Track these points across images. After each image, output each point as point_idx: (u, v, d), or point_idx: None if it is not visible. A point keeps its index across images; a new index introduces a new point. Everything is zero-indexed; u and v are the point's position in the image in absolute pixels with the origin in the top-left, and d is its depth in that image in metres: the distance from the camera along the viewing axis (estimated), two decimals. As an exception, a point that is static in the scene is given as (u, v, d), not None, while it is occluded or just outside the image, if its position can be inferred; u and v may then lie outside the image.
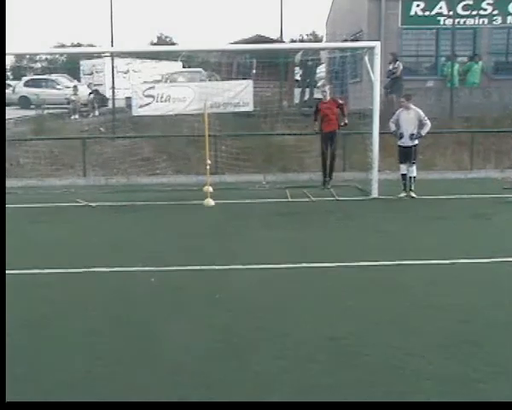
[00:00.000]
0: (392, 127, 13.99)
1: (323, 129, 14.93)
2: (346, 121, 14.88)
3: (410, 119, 13.73)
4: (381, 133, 14.25)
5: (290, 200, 14.05)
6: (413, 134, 13.67)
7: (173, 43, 62.59)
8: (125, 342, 5.99)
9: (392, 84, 19.88)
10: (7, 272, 8.25)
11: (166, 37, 73.43)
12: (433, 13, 21.30)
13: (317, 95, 24.72)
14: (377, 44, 14.19)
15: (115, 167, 17.79)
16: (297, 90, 24.44)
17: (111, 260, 8.98)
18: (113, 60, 22.63)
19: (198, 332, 6.22)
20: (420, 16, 21.35)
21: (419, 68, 22.24)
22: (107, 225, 11.83)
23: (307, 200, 13.96)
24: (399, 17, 21.30)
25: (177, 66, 31.14)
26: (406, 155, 13.78)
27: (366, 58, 14.36)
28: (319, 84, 26.69)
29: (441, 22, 21.33)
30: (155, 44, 63.19)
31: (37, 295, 7.57)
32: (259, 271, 8.42)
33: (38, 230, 11.37)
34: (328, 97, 15.21)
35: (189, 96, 18.75)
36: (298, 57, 22.39)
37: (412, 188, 13.80)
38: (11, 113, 25.56)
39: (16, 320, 6.55)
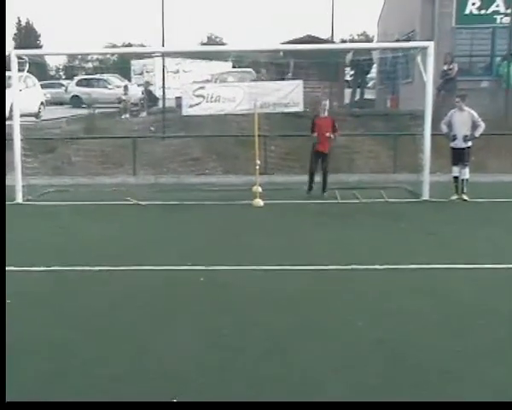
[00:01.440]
0: (444, 129, 13.73)
1: (316, 147, 14.51)
2: (333, 136, 14.42)
3: (464, 120, 13.45)
4: (432, 134, 14.00)
5: (340, 201, 13.91)
6: (466, 136, 13.39)
7: (223, 44, 62.86)
8: (170, 338, 5.99)
9: (445, 84, 19.53)
10: (59, 268, 8.46)
11: (216, 37, 73.89)
12: (490, 11, 20.82)
13: (368, 95, 24.59)
14: (430, 44, 13.93)
15: (165, 167, 17.88)
16: (347, 91, 24.24)
17: (160, 258, 9.02)
18: (163, 59, 22.79)
19: (244, 331, 6.22)
20: (475, 15, 20.88)
21: (473, 68, 21.75)
22: (156, 224, 11.88)
23: (357, 201, 13.81)
24: (453, 16, 20.88)
25: (227, 66, 31.27)
26: (459, 156, 13.50)
27: (419, 58, 14.12)
28: (369, 85, 26.52)
29: (497, 21, 20.85)
30: (205, 45, 63.54)
31: (87, 290, 7.64)
32: (308, 272, 8.37)
33: (89, 227, 11.48)
34: (326, 113, 14.59)
35: (238, 96, 18.70)
36: (349, 57, 22.20)
37: (464, 190, 13.52)
38: (63, 112, 26.02)
39: (69, 316, 6.65)
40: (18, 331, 6.11)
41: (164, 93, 21.47)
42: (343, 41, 45.68)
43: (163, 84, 21.64)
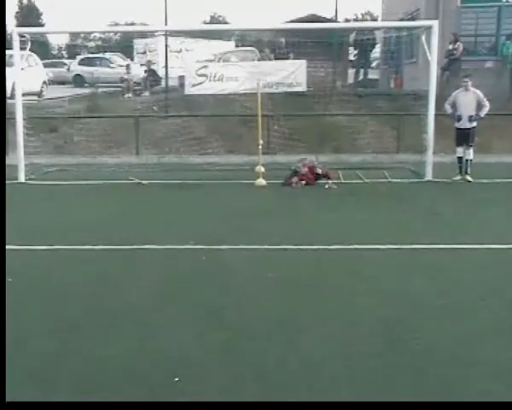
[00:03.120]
0: (449, 109, 13.66)
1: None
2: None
3: (469, 100, 13.36)
4: (436, 115, 13.94)
5: (342, 181, 13.87)
6: (472, 116, 13.31)
7: (226, 23, 62.50)
8: (171, 318, 5.99)
9: (450, 64, 19.41)
10: (62, 247, 8.46)
11: (219, 16, 73.54)
12: (496, -11, 20.63)
13: (372, 75, 24.43)
14: (435, 23, 13.83)
15: (168, 146, 17.83)
16: (351, 71, 24.09)
17: (162, 237, 9.01)
18: (166, 39, 22.65)
19: (247, 311, 6.21)
20: (481, -7, 20.70)
21: (478, 48, 21.57)
22: (158, 203, 11.87)
23: (360, 181, 13.78)
24: (458, -5, 20.71)
25: (229, 45, 31.08)
26: (464, 137, 13.43)
27: (423, 38, 14.01)
28: (373, 65, 26.36)
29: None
30: (208, 24, 63.21)
31: (89, 270, 7.63)
32: (310, 251, 8.36)
33: (91, 207, 11.47)
34: (306, 170, 13.58)
35: (241, 75, 18.63)
36: (352, 37, 22.02)
37: (468, 171, 13.47)
38: (66, 91, 25.93)
39: (70, 294, 6.67)
40: (19, 310, 6.12)
41: (167, 72, 21.36)
42: (347, 20, 45.35)
43: (166, 63, 21.52)
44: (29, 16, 59.62)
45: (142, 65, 29.10)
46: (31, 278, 7.32)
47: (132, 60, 32.74)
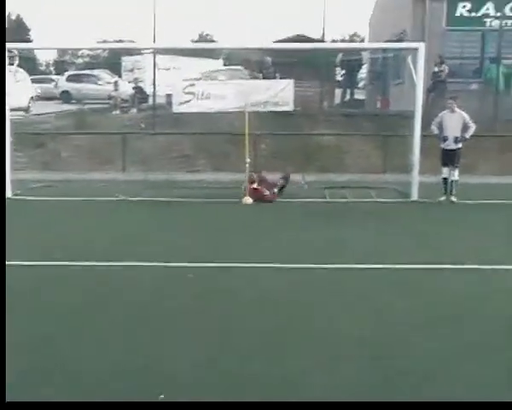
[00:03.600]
0: (435, 130, 13.79)
1: None
2: None
3: (455, 121, 13.50)
4: (422, 135, 14.06)
5: (329, 200, 13.94)
6: (457, 137, 13.45)
7: (214, 41, 62.68)
8: (156, 336, 5.99)
9: (435, 86, 19.61)
10: (48, 263, 8.43)
11: (207, 35, 73.78)
12: (480, 14, 20.90)
13: (358, 95, 24.63)
14: (421, 45, 13.98)
15: (155, 163, 17.83)
16: (338, 91, 24.27)
17: (149, 254, 9.01)
18: (154, 56, 22.72)
19: (230, 329, 6.23)
20: (466, 17, 20.95)
21: (463, 71, 21.81)
22: (145, 220, 11.87)
23: (346, 200, 13.85)
24: (444, 18, 20.96)
25: (217, 64, 31.20)
26: (450, 158, 13.55)
27: (409, 59, 14.16)
28: (359, 86, 26.56)
29: (487, 24, 20.94)
30: (196, 42, 63.42)
31: (73, 286, 7.63)
32: (293, 271, 8.39)
33: (77, 223, 11.44)
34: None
35: (229, 93, 18.66)
36: (339, 57, 22.21)
37: (453, 192, 13.58)
38: (53, 107, 25.91)
39: (59, 311, 6.65)
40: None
41: (154, 90, 21.41)
42: (334, 41, 45.64)
43: (153, 80, 21.58)
44: (17, 32, 59.53)
45: (129, 82, 29.18)
46: (12, 294, 7.26)
47: (120, 77, 32.76)
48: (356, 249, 9.53)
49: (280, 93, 18.73)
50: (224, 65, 32.18)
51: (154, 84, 21.49)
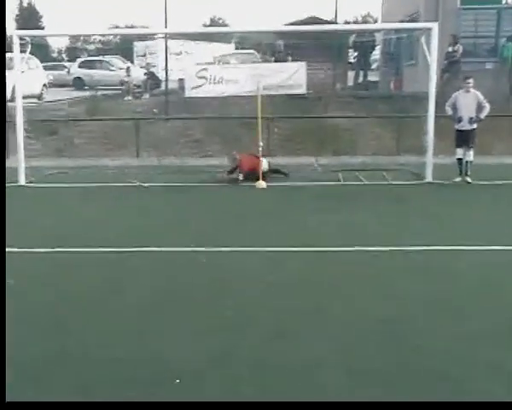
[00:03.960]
0: (449, 111, 13.66)
1: None
2: None
3: (469, 102, 13.36)
4: (436, 116, 13.94)
5: (342, 183, 13.89)
6: (472, 117, 13.32)
7: (226, 25, 62.51)
8: (172, 320, 6.00)
9: (450, 66, 19.41)
10: (63, 249, 8.46)
11: (219, 18, 73.46)
12: (495, -9, 20.62)
13: (372, 77, 24.45)
14: (435, 25, 13.82)
15: (168, 148, 17.83)
16: (350, 73, 24.10)
17: (163, 239, 9.03)
18: (166, 41, 22.67)
19: (245, 313, 6.24)
20: (480, -5, 20.69)
21: (477, 50, 21.56)
22: (159, 206, 11.87)
23: (360, 183, 13.78)
24: (458, -4, 20.71)
25: (229, 48, 31.12)
26: (464, 138, 13.43)
27: (423, 40, 14.01)
28: (373, 67, 26.36)
29: (503, 1, 20.66)
30: (208, 26, 63.22)
31: (89, 272, 7.65)
32: (310, 253, 8.38)
33: (91, 209, 11.47)
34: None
35: (241, 77, 18.60)
36: (352, 39, 22.04)
37: (468, 173, 13.47)
38: (66, 93, 25.95)
39: (74, 297, 6.69)
40: (19, 312, 6.13)
41: (167, 75, 21.37)
42: (347, 22, 45.39)
43: (166, 65, 21.53)
44: (29, 19, 59.62)
45: (141, 67, 29.14)
46: (31, 280, 7.33)
47: (132, 62, 32.76)
48: (371, 232, 9.50)
49: (292, 76, 18.66)
50: (236, 49, 32.06)
51: (166, 69, 21.45)
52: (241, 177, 13.73)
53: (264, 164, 13.95)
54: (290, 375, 4.92)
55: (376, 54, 26.94)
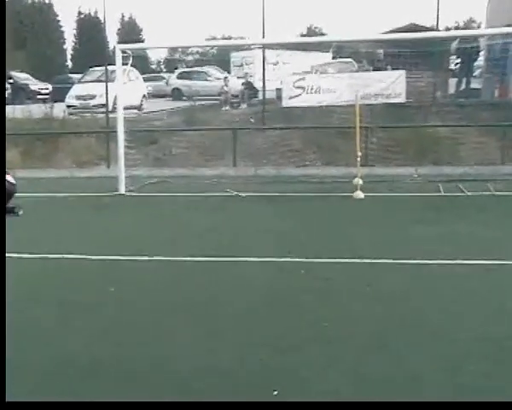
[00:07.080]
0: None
1: None
2: None
3: None
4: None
5: (443, 194, 13.46)
6: None
7: (323, 34, 62.34)
8: (272, 329, 5.90)
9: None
10: (164, 258, 8.54)
11: (316, 27, 73.39)
12: None
13: (474, 84, 23.69)
14: (544, 29, 13.22)
15: (265, 158, 17.83)
16: (452, 80, 23.42)
17: (260, 249, 8.98)
18: (264, 51, 22.73)
19: (344, 324, 6.12)
20: None
21: None
22: (256, 216, 11.83)
23: (462, 194, 13.31)
24: None
25: (327, 57, 30.93)
26: None
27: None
28: (475, 74, 25.53)
29: None
30: (305, 36, 63.29)
31: (190, 281, 7.70)
32: (411, 266, 8.12)
33: (190, 218, 11.57)
34: None
35: (339, 87, 18.42)
36: (454, 45, 21.38)
37: None
38: (164, 104, 26.49)
39: (172, 303, 6.75)
40: (122, 318, 6.20)
41: (264, 85, 21.40)
42: (448, 29, 44.30)
43: (263, 75, 21.57)
44: (130, 32, 61.51)
45: (239, 78, 29.37)
46: (133, 287, 7.42)
47: (229, 73, 33.09)
48: (476, 245, 9.10)
49: (391, 85, 18.33)
50: (334, 58, 31.78)
51: (263, 79, 21.49)
52: None
53: None
54: (390, 390, 4.72)
55: (480, 60, 26.08)
